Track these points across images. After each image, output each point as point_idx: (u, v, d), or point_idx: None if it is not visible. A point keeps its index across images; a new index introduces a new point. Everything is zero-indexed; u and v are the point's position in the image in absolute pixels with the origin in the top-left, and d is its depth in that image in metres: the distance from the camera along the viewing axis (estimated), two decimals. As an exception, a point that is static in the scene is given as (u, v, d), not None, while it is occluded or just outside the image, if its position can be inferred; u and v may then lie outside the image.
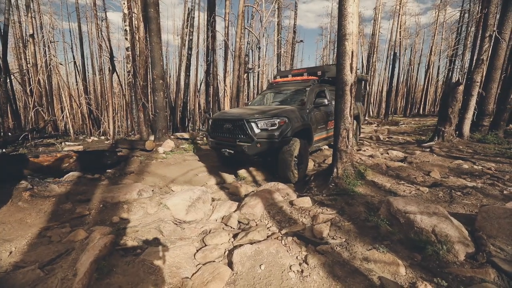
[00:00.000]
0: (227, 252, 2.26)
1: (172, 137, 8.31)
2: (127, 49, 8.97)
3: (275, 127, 4.09)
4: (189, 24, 10.34)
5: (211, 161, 6.17)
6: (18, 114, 12.54)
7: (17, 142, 7.75)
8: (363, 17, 31.78)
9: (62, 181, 3.59)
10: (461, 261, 1.99)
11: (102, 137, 11.15)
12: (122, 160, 5.23)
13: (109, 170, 4.60)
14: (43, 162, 3.48)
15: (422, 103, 28.51)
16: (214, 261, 2.12)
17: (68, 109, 14.23)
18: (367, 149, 7.00)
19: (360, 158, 5.83)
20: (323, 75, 5.87)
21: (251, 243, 2.20)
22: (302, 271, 1.96)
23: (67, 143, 7.80)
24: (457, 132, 6.45)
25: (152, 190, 4.21)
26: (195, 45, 16.21)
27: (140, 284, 1.79)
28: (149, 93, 10.43)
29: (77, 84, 17.80)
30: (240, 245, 2.23)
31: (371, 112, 27.58)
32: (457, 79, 6.16)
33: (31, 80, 13.36)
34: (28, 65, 14.43)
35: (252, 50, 23.98)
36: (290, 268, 1.98)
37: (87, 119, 13.80)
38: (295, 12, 22.30)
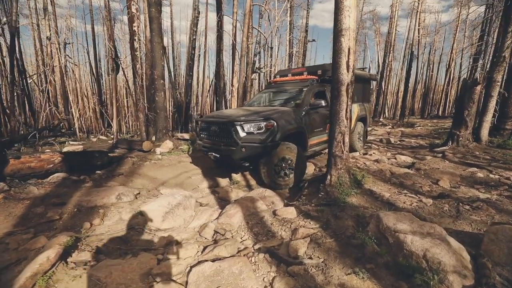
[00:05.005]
0: (188, 268, 2.04)
1: (174, 137, 8.25)
2: (135, 50, 9.03)
3: (262, 131, 3.84)
4: (193, 24, 10.29)
5: (207, 163, 5.99)
6: (34, 114, 13.04)
7: (27, 141, 7.97)
8: (379, 15, 30.69)
9: (44, 183, 3.54)
10: (455, 295, 1.66)
11: (113, 136, 11.35)
12: (115, 161, 5.17)
13: (99, 172, 4.53)
14: (25, 163, 3.45)
15: (442, 104, 27.04)
16: (171, 279, 1.92)
17: (80, 109, 14.67)
18: (374, 153, 6.58)
19: (365, 163, 5.45)
20: (324, 74, 5.52)
21: (213, 260, 1.98)
22: (263, 298, 1.71)
23: (70, 142, 7.94)
24: (474, 137, 5.89)
25: (139, 193, 4.09)
26: (202, 44, 16.22)
27: (79, 305, 1.61)
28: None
29: (91, 85, 18.34)
30: (203, 261, 2.01)
31: (386, 113, 26.52)
32: (474, 78, 5.60)
33: (47, 80, 13.87)
34: (45, 67, 15.02)
35: (264, 50, 23.76)
36: (251, 293, 1.74)
37: (97, 119, 14.15)
38: (307, 11, 21.85)
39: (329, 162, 3.67)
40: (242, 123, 3.87)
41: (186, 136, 8.06)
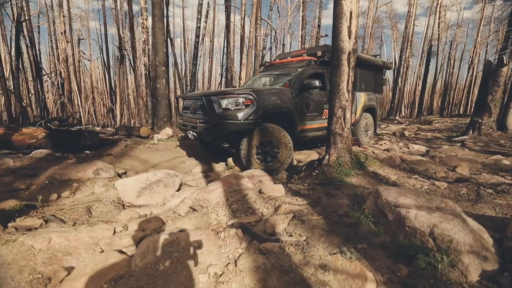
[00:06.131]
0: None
1: (176, 126, 8.07)
2: (143, 42, 8.98)
3: (239, 107, 3.45)
4: (198, 12, 10.15)
5: (211, 150, 5.74)
6: (46, 106, 13.41)
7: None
8: (396, 12, 29.48)
9: (24, 157, 3.38)
10: (472, 282, 1.25)
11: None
12: (108, 143, 5.00)
13: (88, 151, 4.36)
14: (3, 136, 3.30)
15: (463, 104, 25.53)
16: (120, 250, 1.62)
17: (90, 102, 14.93)
18: (384, 143, 6.07)
19: (373, 152, 4.97)
20: (323, 55, 5.09)
21: (170, 232, 1.66)
22: (220, 275, 1.38)
23: (71, 129, 7.92)
24: (498, 125, 5.26)
25: (125, 173, 3.87)
26: (211, 41, 16.09)
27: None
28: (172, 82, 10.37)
29: (104, 80, 18.69)
30: (160, 232, 1.70)
31: (402, 112, 25.38)
32: (499, 58, 4.99)
33: (59, 73, 14.20)
34: (59, 61, 15.41)
35: (275, 47, 23.42)
36: (207, 269, 1.41)
37: (108, 113, 14.34)
38: (320, 5, 21.28)
39: (328, 141, 3.28)
40: (218, 98, 3.52)
41: (187, 124, 7.86)
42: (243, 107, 3.45)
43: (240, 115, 3.40)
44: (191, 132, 3.94)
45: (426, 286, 1.26)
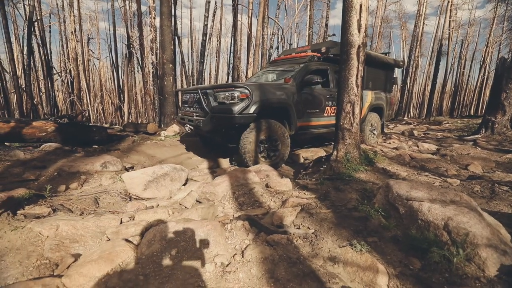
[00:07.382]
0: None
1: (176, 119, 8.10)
2: (151, 40, 9.06)
3: (235, 101, 3.40)
4: (205, 10, 10.19)
5: (210, 146, 5.74)
6: (56, 104, 13.71)
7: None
8: (405, 11, 29.06)
9: (34, 150, 3.43)
10: (489, 277, 1.20)
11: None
12: (115, 139, 5.04)
13: (96, 146, 4.41)
14: (14, 128, 3.36)
15: (474, 105, 24.96)
16: (126, 239, 1.62)
17: (98, 101, 15.16)
18: (393, 141, 5.95)
19: (382, 150, 4.88)
20: (327, 51, 5.01)
21: (177, 222, 1.64)
22: (227, 265, 1.35)
23: (82, 125, 8.03)
24: (511, 124, 5.11)
25: (132, 167, 3.90)
26: (217, 35, 16.13)
27: (7, 255, 1.35)
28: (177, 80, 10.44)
29: (113, 78, 18.96)
30: (166, 222, 1.69)
31: (411, 112, 25.00)
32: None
33: (68, 71, 14.46)
34: (69, 60, 15.70)
35: (283, 46, 23.39)
36: (214, 259, 1.38)
37: (115, 110, 14.53)
38: (327, 4, 21.11)
39: (336, 137, 3.22)
40: (214, 91, 3.53)
41: (194, 122, 7.89)
42: (239, 101, 3.41)
43: (235, 109, 3.35)
44: (188, 125, 3.96)
45: (441, 280, 1.21)
